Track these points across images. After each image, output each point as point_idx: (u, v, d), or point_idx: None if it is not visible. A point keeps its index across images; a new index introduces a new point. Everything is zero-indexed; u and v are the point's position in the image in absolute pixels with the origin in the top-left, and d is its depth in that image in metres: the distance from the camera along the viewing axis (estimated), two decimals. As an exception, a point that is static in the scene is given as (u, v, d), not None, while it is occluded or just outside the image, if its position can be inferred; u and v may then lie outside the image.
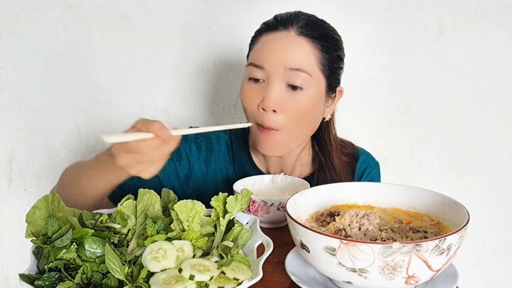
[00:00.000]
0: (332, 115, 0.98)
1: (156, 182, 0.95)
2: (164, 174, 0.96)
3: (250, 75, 0.88)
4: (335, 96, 0.95)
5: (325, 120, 0.96)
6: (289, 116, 0.86)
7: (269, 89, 0.85)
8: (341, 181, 0.98)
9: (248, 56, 0.93)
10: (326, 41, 0.88)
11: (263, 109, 0.86)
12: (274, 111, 0.85)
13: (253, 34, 0.93)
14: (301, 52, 0.85)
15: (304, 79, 0.85)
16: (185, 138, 0.99)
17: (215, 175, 1.00)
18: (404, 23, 1.23)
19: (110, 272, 0.54)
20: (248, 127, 0.97)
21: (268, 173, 1.00)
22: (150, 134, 0.63)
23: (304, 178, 1.00)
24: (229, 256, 0.58)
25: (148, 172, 0.67)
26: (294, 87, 0.85)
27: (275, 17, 0.90)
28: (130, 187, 0.93)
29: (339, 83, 0.94)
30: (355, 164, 1.02)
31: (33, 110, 1.38)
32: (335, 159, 0.99)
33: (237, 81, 1.30)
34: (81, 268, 0.53)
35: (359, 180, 1.02)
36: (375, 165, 1.05)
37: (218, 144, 1.01)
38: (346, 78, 0.96)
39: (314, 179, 1.00)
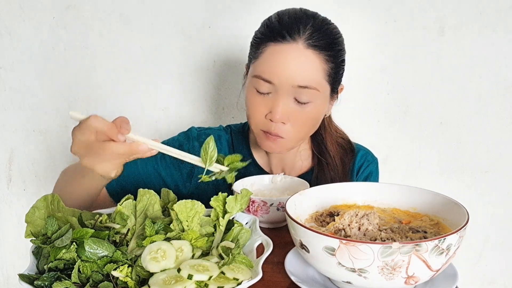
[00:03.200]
0: None
1: (159, 180, 0.96)
2: (166, 172, 0.97)
3: (257, 87, 0.88)
4: (337, 96, 0.96)
5: (326, 116, 0.98)
6: (295, 126, 0.88)
7: (276, 103, 0.86)
8: (338, 169, 0.99)
9: (250, 58, 0.92)
10: (332, 49, 0.87)
11: (271, 120, 0.87)
12: (282, 122, 0.87)
13: (255, 35, 0.91)
14: (309, 68, 0.85)
15: (311, 94, 0.86)
16: (187, 136, 1.00)
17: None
18: (404, 23, 1.23)
19: (110, 274, 0.54)
20: (248, 126, 0.97)
21: (270, 170, 1.01)
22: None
23: (304, 173, 1.00)
24: (230, 256, 0.58)
25: (101, 169, 0.67)
26: (301, 102, 0.87)
27: (279, 21, 0.87)
28: (131, 185, 0.94)
29: (341, 82, 0.95)
30: (352, 159, 1.02)
31: (33, 110, 1.38)
32: (329, 144, 1.00)
33: (237, 81, 1.30)
34: (75, 267, 0.53)
35: (358, 174, 1.02)
36: (374, 159, 1.06)
37: (219, 143, 1.01)
38: (346, 78, 0.96)
39: (313, 173, 1.01)
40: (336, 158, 1.00)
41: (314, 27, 0.86)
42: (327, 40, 0.86)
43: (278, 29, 0.86)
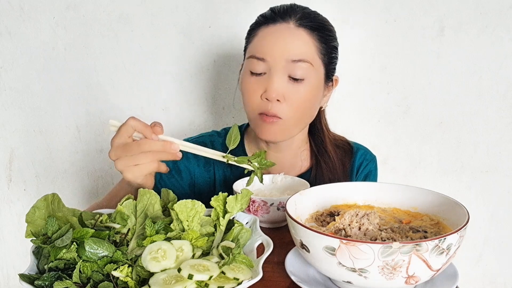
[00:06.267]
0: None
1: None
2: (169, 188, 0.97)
3: (251, 68, 0.88)
4: (332, 85, 0.97)
5: (322, 109, 0.98)
6: (291, 106, 0.88)
7: (271, 80, 0.86)
8: (337, 170, 0.99)
9: (245, 49, 0.94)
10: (323, 31, 0.90)
11: (267, 99, 0.87)
12: (278, 100, 0.87)
13: (248, 29, 0.94)
14: (302, 43, 0.87)
15: (305, 69, 0.87)
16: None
17: (215, 178, 1.01)
18: (404, 23, 1.23)
19: (110, 274, 0.54)
20: (247, 126, 0.97)
21: (267, 171, 1.00)
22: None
23: (302, 174, 1.00)
24: (230, 255, 0.58)
25: (130, 172, 0.73)
26: (295, 79, 0.87)
27: (272, 10, 0.91)
28: None
29: (334, 72, 0.96)
30: (351, 158, 1.02)
31: (33, 110, 1.38)
32: (328, 146, 1.00)
33: (237, 81, 1.30)
34: (77, 267, 0.53)
35: (357, 172, 1.03)
36: (372, 158, 1.06)
37: (212, 148, 1.01)
38: (346, 78, 0.97)
39: (311, 174, 1.01)
40: (335, 159, 1.00)
41: (304, 13, 0.89)
42: (317, 23, 0.89)
43: (269, 15, 0.90)
